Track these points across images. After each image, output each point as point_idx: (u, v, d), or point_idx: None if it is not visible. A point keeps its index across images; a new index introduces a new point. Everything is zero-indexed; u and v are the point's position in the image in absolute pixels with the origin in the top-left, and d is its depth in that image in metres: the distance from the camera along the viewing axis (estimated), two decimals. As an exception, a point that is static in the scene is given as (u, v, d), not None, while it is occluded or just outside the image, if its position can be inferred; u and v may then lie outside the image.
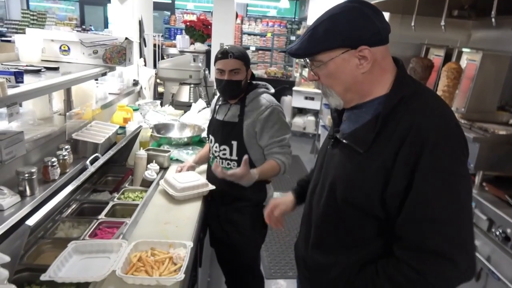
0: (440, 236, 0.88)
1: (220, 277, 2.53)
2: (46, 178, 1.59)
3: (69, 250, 1.31)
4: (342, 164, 1.01)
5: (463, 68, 3.11)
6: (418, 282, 0.90)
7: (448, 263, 0.87)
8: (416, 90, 0.96)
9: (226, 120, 1.89)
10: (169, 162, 2.24)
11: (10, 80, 1.23)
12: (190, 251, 1.33)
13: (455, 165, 0.88)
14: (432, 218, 0.88)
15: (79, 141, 1.89)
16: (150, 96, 3.43)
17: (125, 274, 1.20)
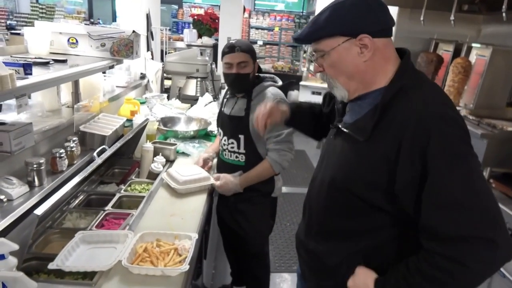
0: (470, 219, 0.84)
1: (224, 269, 2.56)
2: (54, 169, 1.61)
3: (76, 240, 1.33)
4: (343, 153, 1.03)
5: (472, 64, 3.07)
6: (457, 272, 0.85)
7: (486, 244, 0.84)
8: (417, 80, 0.97)
9: (233, 114, 1.90)
10: (175, 155, 2.25)
11: (19, 71, 1.25)
12: (195, 243, 1.34)
13: (465, 147, 0.88)
14: (457, 202, 0.85)
15: (86, 133, 1.91)
16: (157, 89, 3.44)
17: (131, 264, 1.22)
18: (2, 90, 1.08)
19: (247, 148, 1.87)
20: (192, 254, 1.28)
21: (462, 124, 0.92)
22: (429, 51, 3.75)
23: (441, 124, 0.87)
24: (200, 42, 5.39)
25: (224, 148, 1.95)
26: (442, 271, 0.87)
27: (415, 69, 1.01)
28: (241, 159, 1.90)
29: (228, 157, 1.94)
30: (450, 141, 0.87)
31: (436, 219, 0.87)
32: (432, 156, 0.86)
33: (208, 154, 2.10)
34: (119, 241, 1.36)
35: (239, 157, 1.91)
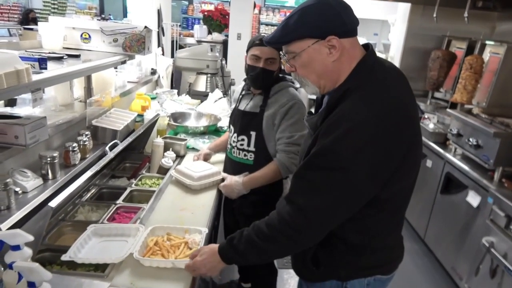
0: (307, 196, 1.00)
1: (233, 265, 2.56)
2: (67, 162, 1.63)
3: (88, 233, 1.36)
4: (303, 144, 1.15)
5: (485, 61, 3.03)
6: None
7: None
8: (362, 83, 1.02)
9: (248, 110, 1.87)
10: (186, 150, 2.26)
11: (35, 66, 1.26)
12: (205, 237, 1.35)
13: (352, 155, 0.95)
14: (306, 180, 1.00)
15: (98, 128, 1.93)
16: (167, 85, 3.46)
17: (142, 257, 1.24)
18: (19, 84, 1.10)
19: (257, 146, 1.84)
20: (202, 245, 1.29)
21: (372, 138, 0.95)
22: (442, 48, 3.70)
23: (346, 130, 0.95)
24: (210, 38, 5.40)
25: (233, 146, 1.91)
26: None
27: (372, 69, 1.04)
28: (249, 157, 1.87)
29: (236, 155, 1.90)
30: (340, 147, 0.96)
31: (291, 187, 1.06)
32: (317, 145, 0.99)
33: (209, 150, 2.10)
34: (130, 235, 1.37)
35: (248, 156, 1.87)
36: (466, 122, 2.70)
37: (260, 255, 1.11)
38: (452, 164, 2.78)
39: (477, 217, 2.44)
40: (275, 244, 1.06)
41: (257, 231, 1.08)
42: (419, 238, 3.17)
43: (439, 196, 2.92)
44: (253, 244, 1.08)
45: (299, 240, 1.04)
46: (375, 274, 1.17)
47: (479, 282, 2.34)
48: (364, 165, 0.96)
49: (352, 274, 1.15)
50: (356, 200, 1.01)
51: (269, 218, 1.08)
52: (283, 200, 1.06)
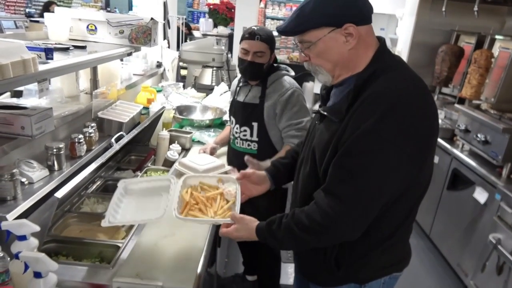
0: (347, 184, 0.96)
1: (237, 258, 2.57)
2: (73, 154, 1.63)
3: (121, 191, 1.30)
4: (321, 134, 1.08)
5: (495, 56, 2.99)
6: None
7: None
8: (390, 64, 1.01)
9: (247, 101, 1.89)
10: (191, 143, 2.26)
11: (41, 56, 1.26)
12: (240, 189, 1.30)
13: (395, 136, 0.92)
14: (348, 169, 0.96)
15: (104, 120, 1.92)
16: (173, 78, 3.45)
17: (181, 213, 1.19)
18: (25, 73, 1.09)
19: (260, 136, 1.86)
20: (239, 202, 1.24)
21: (415, 116, 0.94)
22: (450, 43, 3.65)
23: (388, 108, 0.92)
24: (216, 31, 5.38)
25: (236, 136, 1.93)
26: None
27: (392, 54, 1.06)
28: (253, 147, 1.90)
29: (240, 145, 1.93)
30: (385, 126, 0.91)
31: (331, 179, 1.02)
32: (362, 130, 0.93)
33: (215, 144, 2.09)
34: (164, 189, 1.31)
35: (252, 145, 1.90)
36: (474, 118, 2.67)
37: (298, 244, 1.09)
38: (459, 160, 2.75)
39: (484, 214, 2.41)
40: (315, 236, 1.03)
41: (297, 221, 1.04)
42: (425, 234, 3.15)
43: (445, 192, 2.89)
44: (291, 233, 1.05)
45: (340, 232, 1.01)
46: (392, 272, 1.15)
47: (485, 279, 2.32)
48: (407, 145, 0.93)
49: (371, 275, 1.13)
50: (399, 184, 0.98)
51: (309, 209, 1.04)
52: (321, 192, 1.02)
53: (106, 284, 1.14)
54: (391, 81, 0.97)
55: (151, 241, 1.35)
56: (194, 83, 3.48)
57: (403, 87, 0.96)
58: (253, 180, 1.33)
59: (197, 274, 1.20)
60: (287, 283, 2.45)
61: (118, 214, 1.22)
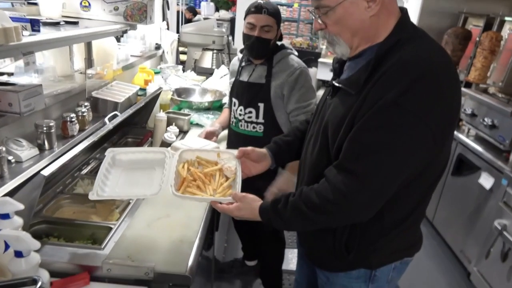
0: (364, 160, 0.90)
1: (237, 243, 2.53)
2: (65, 133, 1.58)
3: (109, 161, 1.21)
4: (335, 109, 1.01)
5: (504, 39, 2.88)
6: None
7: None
8: (414, 35, 0.94)
9: (252, 81, 1.80)
10: (189, 125, 2.20)
11: (26, 27, 1.19)
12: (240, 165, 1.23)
13: (421, 109, 0.85)
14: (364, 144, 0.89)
15: (99, 100, 1.86)
16: (172, 61, 3.38)
17: (177, 190, 1.12)
18: (7, 43, 1.02)
19: (266, 117, 1.78)
20: (240, 179, 1.16)
21: (442, 88, 0.87)
22: (458, 26, 3.53)
23: (415, 79, 0.85)
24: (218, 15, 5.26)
25: (240, 119, 1.85)
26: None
27: (414, 25, 0.98)
28: (259, 129, 1.82)
29: (244, 128, 1.85)
30: (410, 98, 0.84)
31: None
32: (383, 102, 0.86)
33: (214, 128, 2.00)
34: (157, 162, 1.23)
35: (257, 128, 1.82)
36: (481, 101, 2.59)
37: (306, 224, 1.02)
38: (464, 145, 2.68)
39: (489, 200, 2.35)
40: (326, 215, 0.96)
41: (306, 199, 0.98)
42: (428, 220, 3.10)
43: (449, 178, 2.83)
44: (300, 212, 0.98)
45: (353, 212, 0.94)
46: (403, 256, 1.10)
47: (489, 266, 2.27)
48: (432, 120, 0.86)
49: (384, 260, 1.07)
50: (420, 162, 0.91)
51: (319, 187, 0.97)
52: (333, 168, 0.95)
53: (97, 265, 1.09)
54: (419, 50, 0.89)
55: (144, 222, 1.30)
56: (194, 66, 3.40)
57: (431, 57, 0.89)
58: (252, 158, 1.26)
59: (191, 256, 1.15)
60: (288, 268, 2.42)
61: (107, 187, 1.14)
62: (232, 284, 2.34)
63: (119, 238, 1.20)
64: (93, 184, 1.57)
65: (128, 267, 1.09)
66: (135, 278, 1.09)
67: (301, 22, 8.24)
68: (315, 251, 1.16)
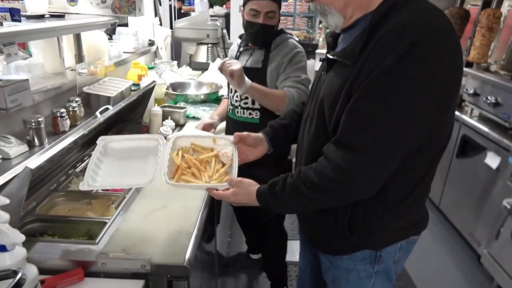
0: (363, 132, 0.85)
1: (240, 237, 2.50)
2: (56, 129, 1.53)
3: (100, 149, 1.17)
4: (331, 82, 0.96)
5: (504, 16, 2.81)
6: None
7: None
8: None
9: (248, 66, 1.76)
10: (185, 119, 2.16)
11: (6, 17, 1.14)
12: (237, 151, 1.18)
13: (421, 75, 0.80)
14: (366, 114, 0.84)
15: (90, 95, 1.82)
16: (167, 57, 3.33)
17: (172, 178, 1.08)
18: (-17, 31, 0.97)
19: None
20: (236, 165, 1.12)
21: (444, 48, 0.81)
22: (456, 6, 3.47)
23: (415, 42, 0.79)
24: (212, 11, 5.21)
25: (236, 105, 1.82)
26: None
27: None
28: (255, 115, 1.78)
29: (240, 114, 1.81)
30: (409, 62, 0.79)
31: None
32: (381, 69, 0.81)
33: (211, 119, 1.96)
34: (150, 150, 1.19)
35: (253, 114, 1.78)
36: (484, 80, 2.52)
37: (306, 205, 0.98)
38: (468, 126, 2.62)
39: (497, 179, 2.29)
40: (326, 194, 0.92)
41: (304, 179, 0.94)
42: (434, 205, 3.04)
43: (454, 160, 2.77)
44: (298, 193, 0.94)
45: (355, 188, 0.89)
46: (409, 235, 1.05)
47: (499, 247, 2.21)
48: (435, 86, 0.81)
49: (389, 239, 1.02)
50: (423, 132, 0.86)
51: (318, 165, 0.93)
52: (332, 145, 0.91)
53: (91, 260, 1.05)
54: (416, 13, 0.83)
55: (140, 215, 1.25)
56: (189, 61, 3.36)
57: (430, 19, 0.83)
58: (248, 143, 1.21)
59: (189, 247, 1.11)
60: (293, 260, 2.37)
61: (99, 177, 1.10)
62: (237, 278, 2.30)
63: (114, 232, 1.16)
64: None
65: (124, 260, 1.05)
66: (132, 272, 1.05)
67: (297, 16, 8.17)
68: (317, 234, 1.11)
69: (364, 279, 1.07)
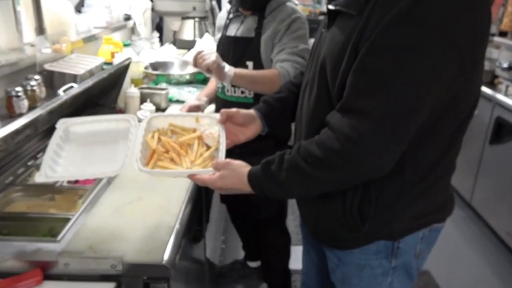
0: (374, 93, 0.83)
1: (235, 242, 2.49)
2: (11, 112, 1.51)
3: (60, 134, 1.14)
4: (334, 38, 0.93)
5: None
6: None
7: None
8: None
9: (239, 35, 1.74)
10: (167, 102, 2.15)
11: None
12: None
13: (442, 21, 0.77)
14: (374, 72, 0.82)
15: (54, 73, 1.80)
16: (147, 33, 3.31)
17: (146, 165, 1.05)
18: None
19: None
20: (224, 147, 1.08)
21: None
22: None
23: None
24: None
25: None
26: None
27: None
28: (248, 94, 1.76)
29: (231, 93, 1.79)
30: (417, 14, 0.76)
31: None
32: (391, 16, 0.78)
33: (198, 101, 1.93)
34: (120, 132, 1.16)
35: (246, 92, 1.76)
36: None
37: (308, 186, 0.95)
38: (503, 106, 2.61)
39: (538, 168, 2.27)
40: (332, 171, 0.89)
41: (305, 154, 0.91)
42: (464, 202, 3.03)
43: (487, 147, 2.75)
44: (299, 172, 0.91)
45: (366, 162, 0.85)
46: (432, 222, 1.02)
47: None
48: (458, 34, 0.78)
49: (408, 227, 0.99)
50: (445, 91, 0.83)
51: (321, 137, 0.90)
52: (337, 113, 0.88)
53: (51, 260, 1.03)
54: None
55: (110, 208, 1.24)
56: (173, 39, 3.35)
57: None
58: (238, 121, 1.18)
59: (169, 243, 1.09)
60: (298, 268, 2.35)
61: (59, 166, 1.08)
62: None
63: (79, 228, 1.14)
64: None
65: (90, 259, 1.03)
66: (100, 273, 1.03)
67: (300, -13, 8.16)
68: (321, 224, 1.08)
69: (379, 276, 1.04)
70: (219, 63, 1.51)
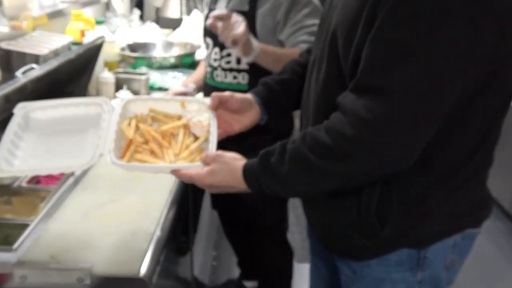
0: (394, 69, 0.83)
1: (229, 259, 2.52)
2: (-42, 98, 1.50)
3: (19, 121, 1.14)
4: (346, 5, 0.93)
5: None
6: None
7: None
8: None
9: (230, 9, 1.74)
10: (148, 89, 2.18)
11: None
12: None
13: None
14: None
15: (12, 53, 1.79)
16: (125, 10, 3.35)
17: (121, 157, 1.04)
18: None
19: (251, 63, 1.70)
20: (215, 138, 1.07)
21: None
22: None
23: None
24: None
25: (215, 66, 1.81)
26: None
27: None
28: (241, 80, 1.77)
29: (222, 79, 1.81)
30: None
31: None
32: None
33: (184, 88, 1.95)
34: (90, 119, 1.16)
35: (239, 77, 1.77)
36: None
37: (315, 181, 0.94)
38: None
39: None
40: (344, 162, 0.88)
41: (312, 142, 0.90)
42: (503, 211, 3.05)
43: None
44: (304, 163, 0.90)
45: (386, 151, 0.85)
46: (465, 227, 1.01)
47: None
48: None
49: (436, 232, 0.99)
50: (480, 67, 0.83)
51: (331, 121, 0.89)
52: (350, 93, 0.88)
53: (5, 272, 1.03)
54: None
55: (78, 211, 1.25)
56: (156, 17, 3.39)
57: None
58: (232, 107, 1.17)
59: (148, 252, 1.09)
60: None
61: (17, 159, 1.08)
62: (225, 313, 2.31)
63: (40, 235, 1.15)
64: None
65: (52, 271, 1.03)
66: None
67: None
68: (333, 231, 1.08)
69: None
70: (248, 36, 1.51)
